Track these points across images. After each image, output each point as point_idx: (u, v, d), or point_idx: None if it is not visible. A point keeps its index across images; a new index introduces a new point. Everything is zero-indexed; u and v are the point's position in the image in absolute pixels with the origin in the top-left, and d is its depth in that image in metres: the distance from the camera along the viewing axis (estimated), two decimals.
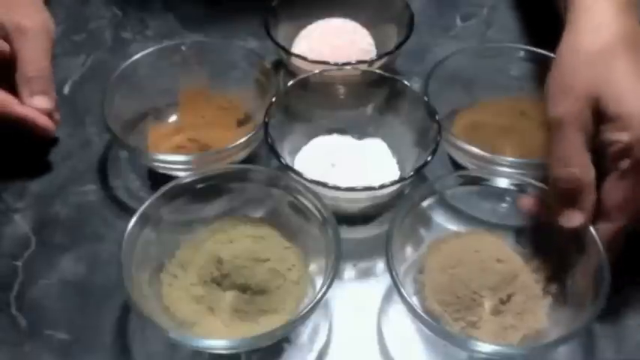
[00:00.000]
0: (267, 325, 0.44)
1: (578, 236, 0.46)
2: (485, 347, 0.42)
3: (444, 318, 0.46)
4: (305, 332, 0.48)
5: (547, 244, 0.49)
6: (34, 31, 0.57)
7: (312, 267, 0.48)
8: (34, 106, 0.56)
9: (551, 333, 0.45)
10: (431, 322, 0.43)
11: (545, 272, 0.48)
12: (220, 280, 0.47)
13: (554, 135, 0.47)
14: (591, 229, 0.46)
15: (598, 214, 0.46)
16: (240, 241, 0.49)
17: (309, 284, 0.48)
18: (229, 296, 0.47)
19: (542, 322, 0.46)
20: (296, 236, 0.49)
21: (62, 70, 0.65)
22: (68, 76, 0.65)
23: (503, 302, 0.47)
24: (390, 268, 0.44)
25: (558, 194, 0.46)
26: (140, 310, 0.42)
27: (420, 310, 0.44)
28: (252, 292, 0.47)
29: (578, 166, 0.45)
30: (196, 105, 0.60)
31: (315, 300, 0.42)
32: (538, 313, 0.46)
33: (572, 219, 0.46)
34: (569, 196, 0.46)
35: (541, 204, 0.49)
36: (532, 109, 0.59)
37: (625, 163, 0.45)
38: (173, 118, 0.61)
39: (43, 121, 0.56)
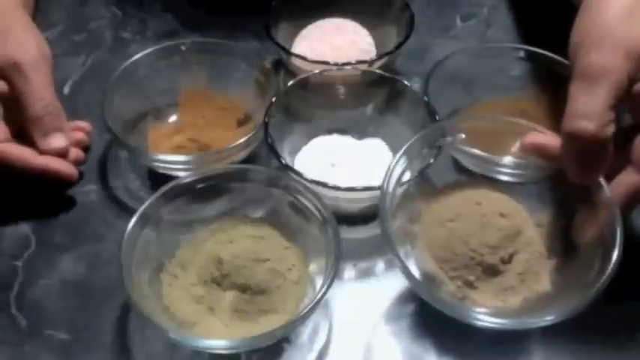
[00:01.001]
0: (267, 325, 0.44)
1: (589, 191, 0.44)
2: (482, 317, 0.40)
3: (439, 276, 0.44)
4: (305, 332, 0.48)
5: (556, 197, 0.47)
6: (31, 64, 0.53)
7: (312, 267, 0.48)
8: (50, 147, 0.53)
9: (553, 297, 0.42)
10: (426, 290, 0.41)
11: (552, 228, 0.46)
12: (220, 280, 0.47)
13: (581, 85, 0.43)
14: (604, 186, 0.43)
15: (622, 167, 0.44)
16: (240, 241, 0.49)
17: (309, 284, 0.48)
18: (229, 296, 0.47)
19: (544, 285, 0.44)
20: (296, 236, 0.49)
21: (62, 70, 0.65)
22: (68, 76, 0.65)
23: (504, 262, 0.44)
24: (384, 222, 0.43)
25: (570, 148, 0.43)
26: (140, 310, 0.42)
27: (416, 272, 0.42)
28: (252, 292, 0.47)
29: (600, 122, 0.41)
30: (196, 105, 0.60)
31: (315, 300, 0.42)
32: (541, 274, 0.44)
33: (582, 176, 0.43)
34: (581, 152, 0.42)
35: (547, 146, 0.45)
36: (532, 109, 0.59)
37: None
38: (173, 118, 0.61)
39: (64, 168, 0.54)
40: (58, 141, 0.54)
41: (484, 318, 0.40)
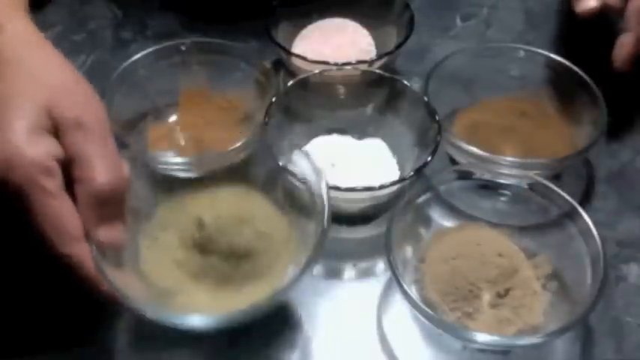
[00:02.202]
0: (253, 292, 0.42)
1: (583, 233, 0.46)
2: (479, 336, 0.42)
3: (441, 307, 0.46)
4: (303, 332, 0.48)
5: (549, 241, 0.49)
6: (99, 129, 0.42)
7: (301, 225, 0.46)
8: (104, 241, 0.41)
9: (547, 330, 0.45)
10: (424, 308, 0.43)
11: (546, 270, 0.48)
12: (203, 244, 0.45)
13: None
14: (589, 222, 0.46)
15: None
16: (223, 200, 0.47)
17: (298, 245, 0.45)
18: (213, 261, 0.44)
19: (538, 318, 0.46)
20: (284, 194, 0.48)
21: None
22: None
23: (500, 296, 0.47)
24: (389, 252, 0.45)
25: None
26: (113, 284, 0.39)
27: (415, 298, 0.43)
28: (237, 257, 0.44)
29: None
30: (196, 105, 0.60)
31: (307, 261, 0.39)
32: (535, 308, 0.47)
33: (587, 1, 0.55)
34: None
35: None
36: (532, 109, 0.59)
37: None
38: (173, 118, 0.61)
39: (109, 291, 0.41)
40: (113, 233, 0.41)
41: (481, 337, 0.42)
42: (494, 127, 0.59)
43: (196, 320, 0.39)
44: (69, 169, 0.41)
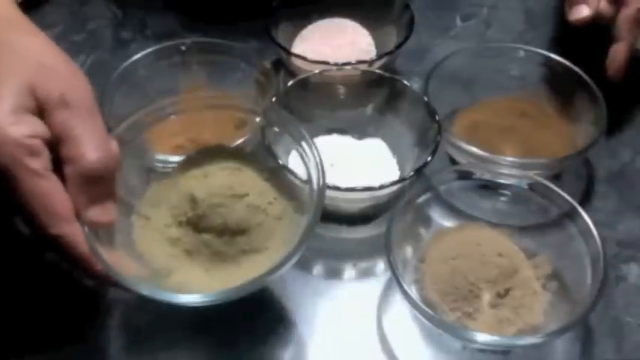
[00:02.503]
0: (249, 267, 0.41)
1: (583, 233, 0.46)
2: (479, 336, 0.42)
3: (441, 307, 0.46)
4: (304, 331, 0.48)
5: (549, 241, 0.49)
6: (86, 107, 0.41)
7: (296, 198, 0.45)
8: (95, 221, 0.40)
9: (547, 330, 0.45)
10: (424, 308, 0.43)
11: (546, 270, 0.48)
12: (196, 221, 0.44)
13: None
14: (589, 222, 0.46)
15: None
16: (216, 174, 0.46)
17: (293, 219, 0.44)
18: (207, 238, 0.43)
19: (538, 318, 0.46)
20: (277, 169, 0.47)
21: None
22: None
23: (500, 296, 0.47)
24: (389, 252, 0.45)
25: None
26: (107, 264, 0.38)
27: (415, 298, 0.44)
28: (231, 232, 0.43)
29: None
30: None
31: (303, 232, 0.39)
32: (535, 308, 0.47)
33: (580, 10, 0.58)
34: None
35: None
36: (532, 109, 0.60)
37: None
38: (172, 118, 0.60)
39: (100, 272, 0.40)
40: (104, 214, 0.41)
41: (481, 337, 0.42)
42: (494, 127, 0.59)
43: (191, 298, 0.39)
44: (57, 150, 0.40)
